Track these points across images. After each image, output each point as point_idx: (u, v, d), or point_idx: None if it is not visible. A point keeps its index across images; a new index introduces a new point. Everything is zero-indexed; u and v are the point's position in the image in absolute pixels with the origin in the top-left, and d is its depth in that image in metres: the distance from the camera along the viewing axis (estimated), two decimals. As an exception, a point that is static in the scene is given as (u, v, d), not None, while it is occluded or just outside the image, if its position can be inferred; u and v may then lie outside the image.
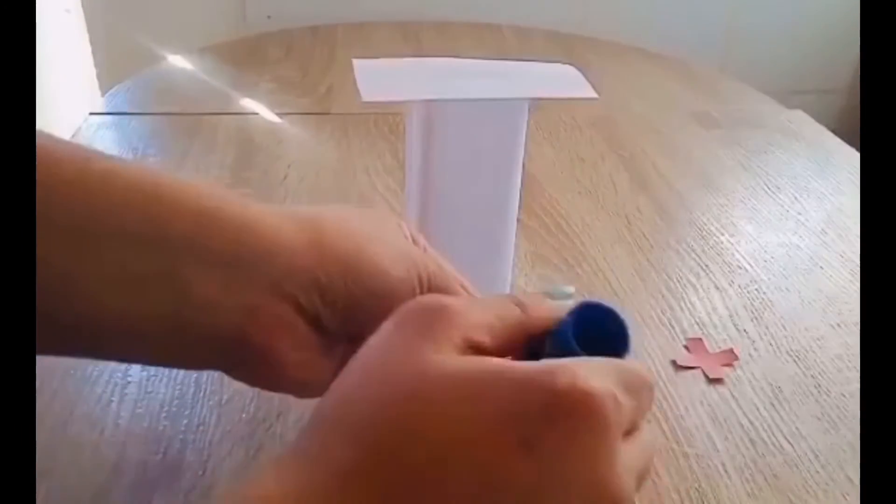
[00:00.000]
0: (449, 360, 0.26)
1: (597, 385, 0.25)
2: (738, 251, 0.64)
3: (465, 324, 0.27)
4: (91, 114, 0.87)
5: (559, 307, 0.30)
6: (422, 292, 0.34)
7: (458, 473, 0.24)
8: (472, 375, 0.25)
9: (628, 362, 0.28)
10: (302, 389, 0.36)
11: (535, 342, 0.29)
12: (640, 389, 0.27)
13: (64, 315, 0.29)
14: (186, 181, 0.32)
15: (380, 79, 0.45)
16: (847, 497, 0.42)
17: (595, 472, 0.24)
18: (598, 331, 0.29)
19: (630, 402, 0.26)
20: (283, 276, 0.32)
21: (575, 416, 0.24)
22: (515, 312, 0.29)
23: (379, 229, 0.36)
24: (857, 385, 0.50)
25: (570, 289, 0.32)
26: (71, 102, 1.37)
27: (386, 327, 0.28)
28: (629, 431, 0.26)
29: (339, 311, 0.33)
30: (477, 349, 0.27)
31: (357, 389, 0.27)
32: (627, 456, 0.25)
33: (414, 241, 0.37)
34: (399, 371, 0.26)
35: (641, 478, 0.27)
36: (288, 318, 0.32)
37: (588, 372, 0.25)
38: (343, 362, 0.35)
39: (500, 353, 0.28)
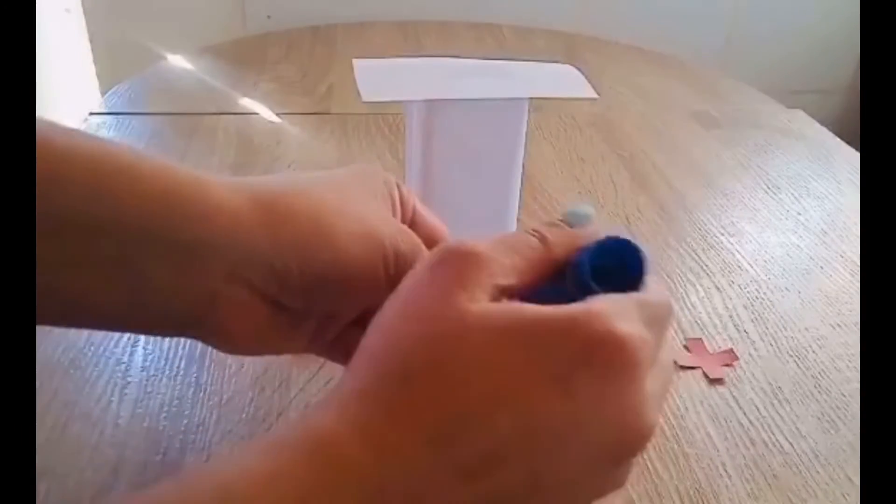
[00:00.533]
0: (484, 308, 0.27)
1: (630, 330, 0.26)
2: (738, 251, 0.64)
3: (495, 269, 0.28)
4: (91, 114, 0.87)
5: (580, 236, 0.31)
6: (387, 272, 0.34)
7: (500, 415, 0.25)
8: (509, 324, 0.26)
9: (650, 295, 0.29)
10: (275, 354, 0.37)
11: (558, 274, 0.30)
12: (662, 321, 0.29)
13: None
14: (145, 158, 0.31)
15: (380, 79, 0.45)
16: (847, 497, 0.42)
17: (625, 408, 0.26)
18: (615, 259, 0.30)
19: (655, 338, 0.28)
20: (238, 263, 0.32)
21: (610, 361, 0.26)
22: (538, 248, 0.30)
23: (349, 201, 0.35)
24: (857, 385, 0.50)
25: (589, 209, 0.31)
26: (71, 102, 1.37)
27: (420, 273, 0.29)
28: (652, 363, 0.28)
29: (297, 293, 0.33)
30: (507, 292, 0.29)
31: (402, 332, 0.27)
32: (651, 388, 0.27)
33: (402, 207, 0.37)
34: (439, 321, 0.27)
35: (662, 400, 0.29)
36: (246, 302, 0.32)
37: (619, 317, 0.26)
38: (315, 335, 0.36)
39: (526, 289, 0.29)
